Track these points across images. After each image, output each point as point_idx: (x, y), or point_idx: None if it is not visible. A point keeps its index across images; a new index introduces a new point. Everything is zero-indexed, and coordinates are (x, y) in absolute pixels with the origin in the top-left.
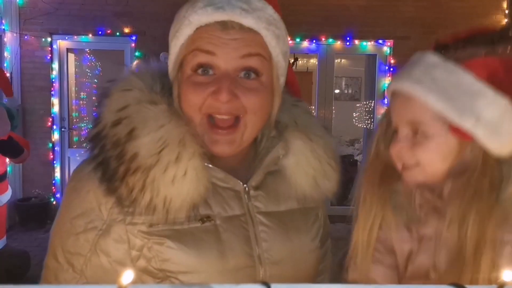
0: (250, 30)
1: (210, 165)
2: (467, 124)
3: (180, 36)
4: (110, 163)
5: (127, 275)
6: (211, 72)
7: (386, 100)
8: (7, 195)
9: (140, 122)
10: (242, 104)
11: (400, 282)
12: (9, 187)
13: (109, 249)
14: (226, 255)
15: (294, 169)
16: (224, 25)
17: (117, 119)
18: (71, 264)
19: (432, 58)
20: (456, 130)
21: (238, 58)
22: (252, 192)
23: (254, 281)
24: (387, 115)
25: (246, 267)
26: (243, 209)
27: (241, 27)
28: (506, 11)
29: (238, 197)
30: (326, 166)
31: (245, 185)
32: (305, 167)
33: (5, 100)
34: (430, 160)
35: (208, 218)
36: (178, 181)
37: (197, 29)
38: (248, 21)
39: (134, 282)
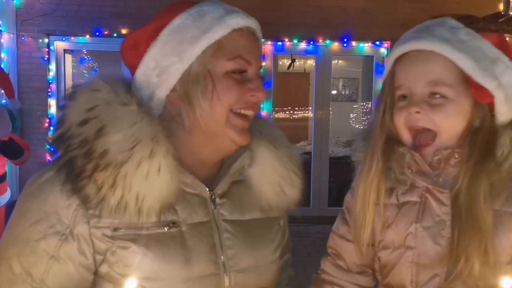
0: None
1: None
2: (491, 85)
3: (211, 36)
4: (76, 162)
5: (131, 283)
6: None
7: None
8: (6, 196)
9: (110, 120)
10: (259, 104)
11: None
12: (8, 188)
13: (73, 254)
14: (191, 262)
15: (260, 178)
16: (253, 33)
17: (85, 118)
18: (30, 274)
19: (455, 22)
20: (477, 91)
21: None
22: (218, 200)
23: None
24: (390, 84)
25: (211, 275)
26: (209, 216)
27: (259, 38)
28: (503, 13)
29: (204, 204)
30: (292, 174)
31: (211, 193)
32: (270, 176)
33: (6, 102)
34: (448, 123)
35: (174, 224)
36: (151, 177)
37: (232, 31)
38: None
39: None
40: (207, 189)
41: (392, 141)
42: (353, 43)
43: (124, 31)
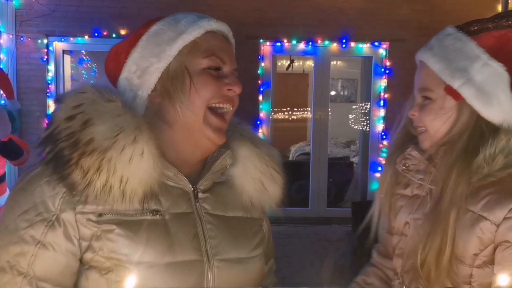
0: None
1: (165, 161)
2: (456, 83)
3: (186, 37)
4: (64, 153)
5: (130, 281)
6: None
7: (382, 102)
8: (5, 197)
9: (96, 114)
10: (235, 98)
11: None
12: (7, 189)
13: (59, 240)
14: (174, 248)
15: (242, 176)
16: (226, 37)
17: (72, 114)
18: (17, 261)
19: (449, 29)
20: (449, 90)
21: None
22: (200, 194)
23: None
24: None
25: (194, 261)
26: (192, 209)
27: (231, 43)
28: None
29: (187, 197)
30: (272, 170)
31: (194, 187)
32: (252, 172)
33: (6, 102)
34: (432, 122)
35: (157, 212)
36: (135, 160)
37: (205, 33)
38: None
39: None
40: (190, 184)
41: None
42: (352, 44)
43: (123, 32)
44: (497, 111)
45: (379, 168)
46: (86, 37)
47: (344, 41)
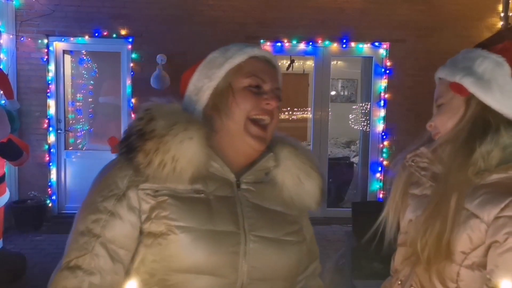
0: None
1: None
2: (457, 77)
3: (232, 61)
4: (133, 143)
5: (131, 285)
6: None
7: (382, 102)
8: (5, 197)
9: (158, 113)
10: (274, 112)
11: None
12: (7, 189)
13: (124, 211)
14: (214, 219)
15: (282, 173)
16: (269, 61)
17: (141, 116)
18: (93, 227)
19: (470, 49)
20: (453, 86)
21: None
22: (242, 185)
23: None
24: None
25: (232, 232)
26: (233, 194)
27: (274, 66)
28: (502, 14)
29: (230, 185)
30: (308, 168)
31: (237, 179)
32: (290, 169)
33: (6, 102)
34: (441, 121)
35: (202, 192)
36: (185, 142)
37: (249, 58)
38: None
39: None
40: (233, 176)
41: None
42: (352, 44)
43: (123, 32)
44: (498, 96)
45: (380, 168)
46: (87, 37)
47: (344, 41)
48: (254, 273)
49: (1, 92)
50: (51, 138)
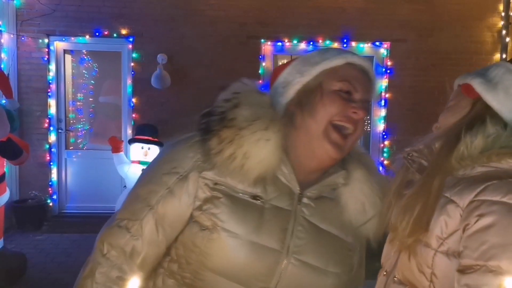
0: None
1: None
2: (468, 79)
3: (329, 63)
4: (211, 124)
5: (134, 283)
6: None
7: (382, 101)
8: (5, 197)
9: (245, 101)
10: (359, 123)
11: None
12: (7, 188)
13: (182, 192)
14: (261, 230)
15: (348, 195)
16: (366, 72)
17: (229, 98)
18: (149, 197)
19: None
20: (463, 87)
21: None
22: (304, 199)
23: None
24: None
25: (273, 250)
26: (291, 208)
27: (371, 79)
28: (502, 14)
29: (291, 197)
30: (376, 198)
31: (301, 191)
32: (357, 194)
33: (6, 102)
34: (445, 118)
35: (260, 198)
36: (261, 142)
37: (346, 63)
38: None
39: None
40: (298, 187)
41: None
42: (353, 44)
43: (123, 32)
44: (502, 96)
45: (380, 168)
46: (87, 36)
47: (345, 40)
48: None
49: (1, 91)
50: (52, 138)
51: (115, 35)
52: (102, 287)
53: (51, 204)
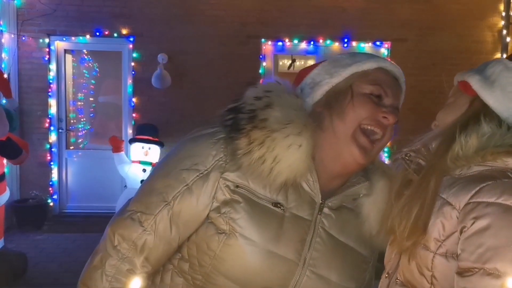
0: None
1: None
2: (465, 76)
3: (360, 66)
4: (240, 122)
5: (135, 283)
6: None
7: None
8: (5, 196)
9: (278, 102)
10: (388, 129)
11: None
12: (7, 188)
13: (200, 191)
14: (279, 241)
15: (370, 205)
16: (397, 79)
17: (260, 96)
18: (166, 192)
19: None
20: (461, 84)
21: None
22: (325, 210)
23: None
24: None
25: (290, 261)
26: (311, 218)
27: (400, 85)
28: (503, 13)
29: (313, 206)
30: None
31: (323, 201)
32: (379, 204)
33: (6, 101)
34: (443, 116)
35: (281, 206)
36: (292, 148)
37: (377, 67)
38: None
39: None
40: (320, 197)
41: None
42: (354, 44)
43: (124, 31)
44: (499, 94)
45: None
46: (88, 36)
47: (345, 40)
48: None
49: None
50: (52, 138)
51: (115, 34)
52: (112, 279)
53: (51, 204)
